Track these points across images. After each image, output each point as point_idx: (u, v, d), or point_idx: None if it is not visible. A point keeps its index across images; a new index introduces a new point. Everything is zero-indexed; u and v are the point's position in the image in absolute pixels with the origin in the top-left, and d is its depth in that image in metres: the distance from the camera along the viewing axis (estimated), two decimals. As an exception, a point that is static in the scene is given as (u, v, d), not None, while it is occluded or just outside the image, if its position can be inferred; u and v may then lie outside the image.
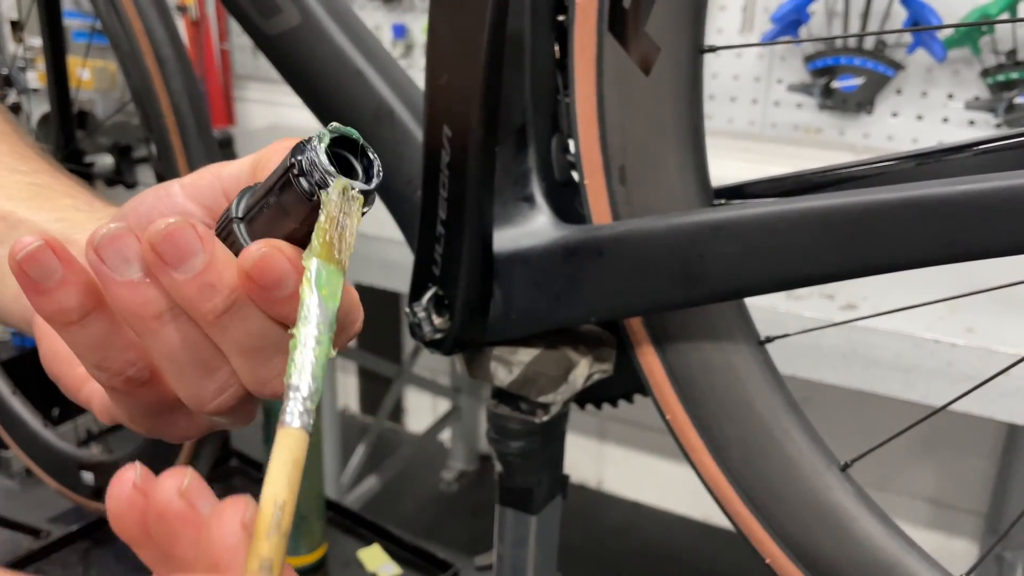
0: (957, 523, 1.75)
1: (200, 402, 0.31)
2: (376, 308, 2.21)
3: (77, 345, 0.30)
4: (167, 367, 0.30)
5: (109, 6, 0.69)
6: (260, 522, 0.22)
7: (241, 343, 0.30)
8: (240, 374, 0.31)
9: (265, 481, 0.23)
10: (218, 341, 0.30)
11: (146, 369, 0.31)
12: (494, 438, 0.58)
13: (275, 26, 0.57)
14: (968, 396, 1.01)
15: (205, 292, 0.28)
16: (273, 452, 0.24)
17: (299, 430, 0.24)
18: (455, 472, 2.15)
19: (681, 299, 0.45)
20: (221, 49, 2.03)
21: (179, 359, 0.30)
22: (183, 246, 0.28)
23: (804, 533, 0.46)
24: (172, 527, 0.25)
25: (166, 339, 0.30)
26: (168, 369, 0.31)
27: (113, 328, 0.30)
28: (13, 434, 1.03)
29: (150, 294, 0.29)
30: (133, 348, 0.31)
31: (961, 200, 0.35)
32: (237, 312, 0.29)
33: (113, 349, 0.31)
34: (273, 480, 0.23)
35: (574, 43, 0.46)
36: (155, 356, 0.30)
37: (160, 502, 0.25)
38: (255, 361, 0.30)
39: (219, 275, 0.28)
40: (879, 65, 1.46)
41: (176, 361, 0.30)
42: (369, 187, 0.28)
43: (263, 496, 0.23)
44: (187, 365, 0.30)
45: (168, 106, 0.68)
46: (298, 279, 0.28)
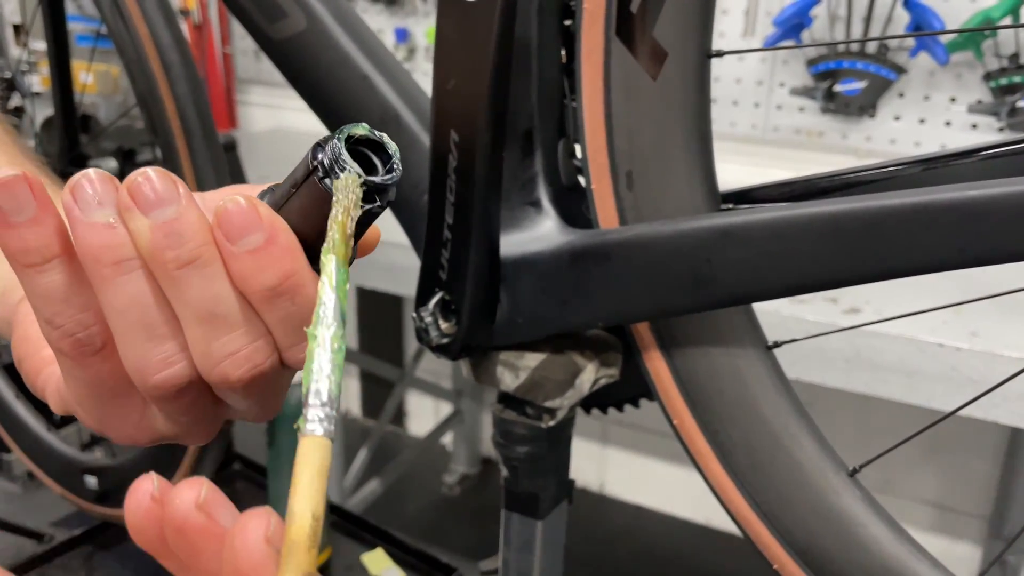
0: (960, 527, 1.75)
1: (144, 373, 0.30)
2: (378, 312, 2.21)
3: (34, 293, 0.30)
4: (116, 325, 0.30)
5: (114, 11, 0.69)
6: (298, 535, 0.22)
7: (198, 306, 0.29)
8: (192, 347, 0.30)
9: (295, 494, 0.22)
10: (175, 301, 0.29)
11: (98, 336, 0.31)
12: (500, 443, 0.58)
13: (281, 31, 0.57)
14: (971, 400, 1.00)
15: (171, 239, 0.28)
16: (298, 463, 0.23)
17: (323, 438, 0.23)
18: (457, 475, 2.14)
19: (689, 304, 0.45)
20: (223, 53, 2.04)
21: (129, 316, 0.29)
22: (160, 192, 0.27)
23: (812, 539, 0.46)
24: (192, 540, 0.25)
25: (120, 291, 0.29)
26: (117, 328, 0.30)
27: (73, 281, 0.29)
28: (17, 438, 1.03)
29: (114, 238, 0.28)
30: (89, 310, 0.30)
31: (972, 205, 0.35)
32: (200, 269, 0.28)
33: (68, 305, 0.30)
34: (304, 493, 0.22)
35: (581, 48, 0.46)
36: (107, 311, 0.30)
37: (178, 515, 0.25)
38: (209, 331, 0.29)
39: (189, 225, 0.28)
40: (881, 69, 1.46)
41: (126, 318, 0.29)
42: (388, 180, 0.28)
43: (297, 509, 0.22)
44: (136, 324, 0.29)
45: (173, 111, 0.68)
46: (268, 233, 0.28)
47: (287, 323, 0.30)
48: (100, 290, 0.29)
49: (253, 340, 0.30)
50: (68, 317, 0.30)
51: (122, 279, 0.29)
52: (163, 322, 0.30)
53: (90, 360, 0.31)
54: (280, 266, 0.29)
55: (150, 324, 0.29)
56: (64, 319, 0.30)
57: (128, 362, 0.30)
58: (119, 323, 0.30)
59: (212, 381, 0.31)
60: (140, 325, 0.29)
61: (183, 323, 0.30)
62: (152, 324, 0.30)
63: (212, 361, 0.30)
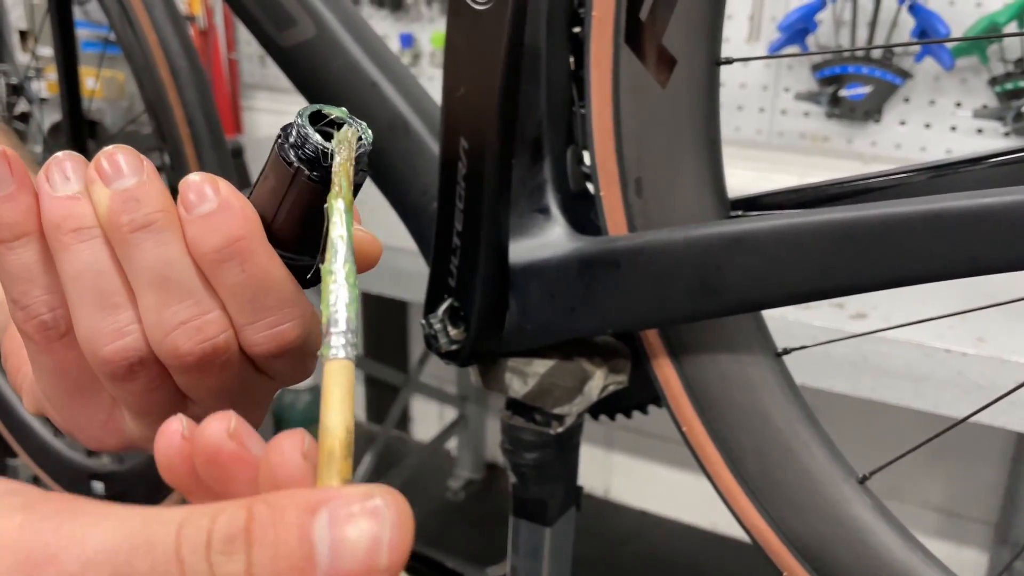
0: (967, 533, 1.74)
1: (95, 344, 0.31)
2: (383, 317, 2.21)
3: (4, 270, 0.31)
4: (71, 294, 0.30)
5: (123, 18, 0.69)
6: (334, 446, 0.23)
7: (151, 272, 0.30)
8: (144, 317, 0.30)
9: (327, 411, 0.23)
10: (129, 268, 0.30)
11: (63, 320, 0.31)
12: (508, 449, 0.58)
13: (290, 38, 0.57)
14: (977, 405, 1.00)
15: (128, 204, 0.29)
16: (327, 384, 0.24)
17: (346, 360, 0.24)
18: (462, 481, 2.14)
19: (698, 311, 0.45)
20: (229, 58, 2.04)
21: (83, 283, 0.30)
22: (123, 166, 0.29)
23: (822, 546, 0.46)
24: (225, 469, 0.25)
25: (76, 258, 0.30)
26: (72, 298, 0.31)
27: (41, 262, 0.31)
28: (23, 444, 1.03)
29: (76, 208, 0.29)
30: (55, 292, 0.31)
31: (983, 213, 0.35)
32: (155, 233, 0.29)
33: (35, 285, 0.31)
34: (337, 408, 0.23)
35: (590, 55, 0.46)
36: (63, 281, 0.30)
37: (210, 445, 0.25)
38: (161, 299, 0.30)
39: (146, 193, 0.29)
40: (887, 74, 1.46)
41: (80, 284, 0.30)
42: (363, 147, 0.30)
43: (330, 424, 0.23)
44: (90, 292, 0.30)
45: (182, 117, 0.68)
46: (222, 200, 0.29)
47: (238, 294, 0.31)
48: (58, 260, 0.30)
49: (205, 311, 0.31)
50: (34, 297, 0.31)
51: (79, 246, 0.30)
52: (116, 291, 0.31)
53: (55, 346, 0.32)
54: (229, 229, 0.30)
55: (104, 292, 0.30)
56: (30, 299, 0.31)
57: (80, 334, 0.31)
58: (73, 291, 0.30)
59: (163, 355, 0.31)
60: (94, 292, 0.30)
61: (136, 292, 0.31)
62: (105, 292, 0.30)
63: (163, 331, 0.30)
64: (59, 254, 0.30)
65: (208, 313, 0.31)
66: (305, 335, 0.33)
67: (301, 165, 0.30)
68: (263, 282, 0.31)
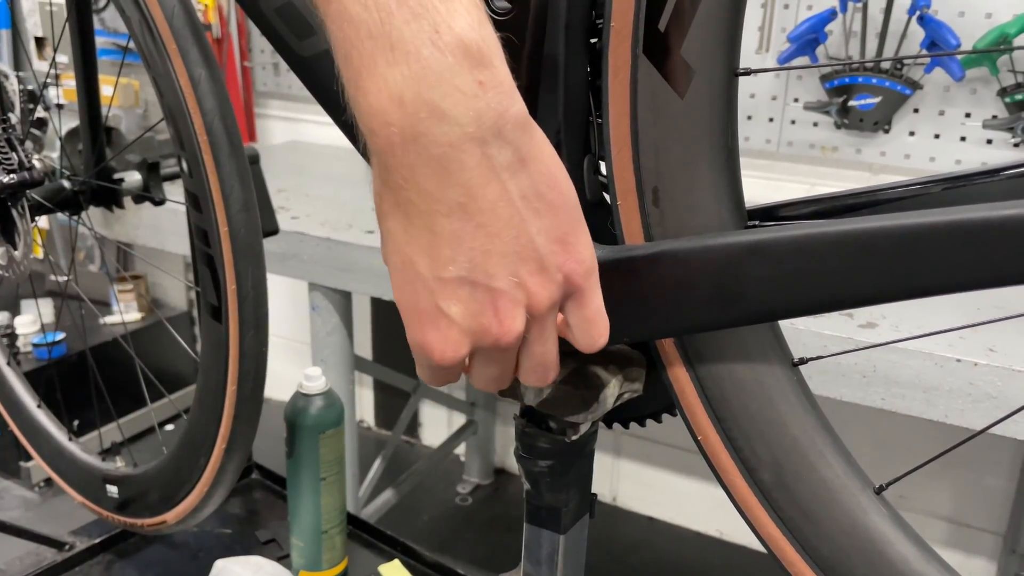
0: (975, 542, 1.74)
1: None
2: (393, 321, 2.22)
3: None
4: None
5: (143, 26, 0.70)
6: None
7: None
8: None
9: None
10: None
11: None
12: (522, 456, 0.58)
13: (309, 48, 0.57)
14: (988, 415, 1.00)
15: None
16: None
17: None
18: (470, 486, 2.15)
19: (715, 321, 0.45)
20: (243, 66, 2.05)
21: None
22: None
23: (838, 557, 0.46)
24: None
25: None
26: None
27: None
28: (38, 447, 1.03)
29: None
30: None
31: (1003, 226, 0.35)
32: None
33: None
34: None
35: (608, 65, 0.47)
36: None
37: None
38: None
39: None
40: (896, 84, 1.46)
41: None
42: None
43: None
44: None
45: (200, 125, 0.69)
46: None
47: None
48: None
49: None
50: None
51: None
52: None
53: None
54: None
55: None
56: None
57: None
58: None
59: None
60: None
61: None
62: None
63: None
64: None
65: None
66: None
67: None
68: None
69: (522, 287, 0.37)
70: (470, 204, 0.35)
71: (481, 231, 0.36)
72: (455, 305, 0.37)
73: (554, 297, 0.39)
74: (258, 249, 0.73)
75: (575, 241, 0.39)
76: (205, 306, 0.75)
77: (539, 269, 0.38)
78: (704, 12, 0.43)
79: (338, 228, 1.44)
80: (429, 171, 0.35)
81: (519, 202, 0.36)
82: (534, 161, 0.36)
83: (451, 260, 0.36)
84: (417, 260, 0.37)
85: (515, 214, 0.36)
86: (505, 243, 0.36)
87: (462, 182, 0.35)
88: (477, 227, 0.36)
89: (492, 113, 0.34)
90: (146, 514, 0.90)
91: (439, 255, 0.36)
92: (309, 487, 0.89)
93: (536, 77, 0.47)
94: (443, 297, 0.37)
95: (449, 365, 0.39)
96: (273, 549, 0.99)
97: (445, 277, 0.37)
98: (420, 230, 0.36)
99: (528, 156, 0.36)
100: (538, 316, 0.39)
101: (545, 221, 0.37)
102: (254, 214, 0.72)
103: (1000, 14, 1.38)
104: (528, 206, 0.37)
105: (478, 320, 0.38)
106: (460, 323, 0.38)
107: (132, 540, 1.00)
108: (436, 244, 0.36)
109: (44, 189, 0.89)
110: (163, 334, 2.29)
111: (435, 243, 0.36)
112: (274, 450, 1.01)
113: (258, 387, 0.77)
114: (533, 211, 0.37)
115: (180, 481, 0.84)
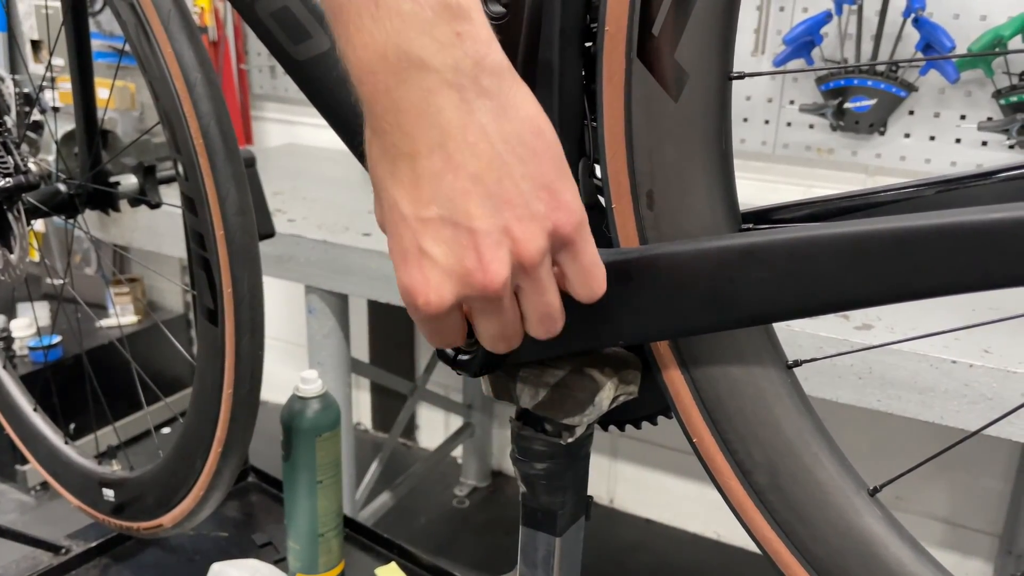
0: (971, 544, 1.74)
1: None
2: (390, 325, 2.22)
3: None
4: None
5: (139, 30, 0.70)
6: None
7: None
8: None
9: None
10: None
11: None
12: (518, 459, 0.59)
13: (304, 52, 0.58)
14: (984, 416, 1.00)
15: None
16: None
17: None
18: (467, 488, 2.15)
19: (709, 323, 0.46)
20: (239, 69, 2.05)
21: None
22: None
23: (833, 559, 0.47)
24: None
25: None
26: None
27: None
28: (34, 451, 1.03)
29: None
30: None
31: (996, 228, 0.35)
32: None
33: None
34: None
35: (603, 69, 0.47)
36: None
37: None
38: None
39: None
40: (891, 86, 1.47)
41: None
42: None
43: None
44: None
45: (196, 129, 0.69)
46: None
47: None
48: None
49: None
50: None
51: None
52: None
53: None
54: None
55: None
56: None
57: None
58: None
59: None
60: None
61: None
62: None
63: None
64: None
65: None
66: None
67: None
68: None
69: (507, 233, 0.38)
70: (449, 144, 0.37)
71: (462, 172, 0.37)
72: (437, 246, 0.38)
73: (542, 246, 0.39)
74: (254, 253, 0.73)
75: (561, 190, 0.40)
76: (201, 309, 0.75)
77: (525, 215, 0.38)
78: (698, 16, 0.44)
79: (334, 231, 1.44)
80: (410, 116, 0.37)
81: (501, 146, 0.38)
82: (516, 108, 0.38)
83: (432, 200, 0.38)
84: (400, 201, 0.38)
85: (496, 157, 0.37)
86: (487, 186, 0.38)
87: (441, 124, 0.37)
88: (457, 168, 0.37)
89: (469, 61, 0.37)
90: (142, 517, 0.90)
91: (420, 195, 0.38)
92: (306, 490, 0.89)
93: (531, 81, 0.48)
94: (425, 238, 0.38)
95: (435, 312, 0.39)
96: (270, 552, 0.99)
97: (426, 216, 0.38)
98: (403, 172, 0.38)
99: (509, 104, 0.38)
100: (529, 265, 0.39)
101: (529, 167, 0.38)
102: (250, 218, 0.72)
103: (995, 16, 1.39)
104: (511, 151, 0.38)
105: (460, 262, 0.38)
106: (442, 263, 0.38)
107: (128, 544, 1.00)
108: (418, 184, 0.38)
109: (40, 193, 0.89)
110: (159, 337, 2.29)
111: (417, 183, 0.38)
112: (271, 453, 1.01)
113: (254, 390, 0.77)
114: (517, 157, 0.38)
115: (176, 484, 0.84)
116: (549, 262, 0.41)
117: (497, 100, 0.38)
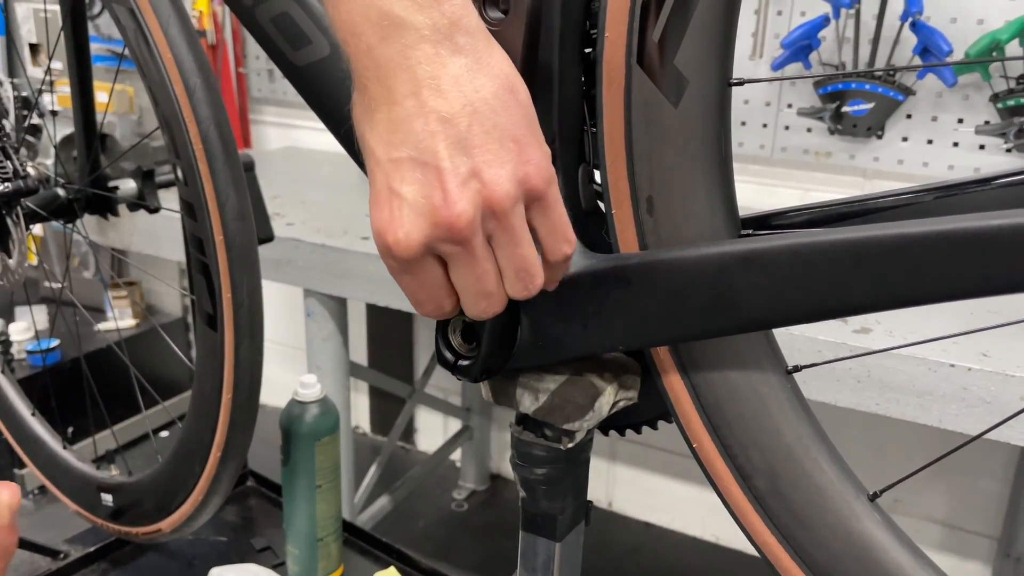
0: (970, 546, 1.74)
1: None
2: (389, 328, 2.22)
3: None
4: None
5: (138, 35, 0.70)
6: None
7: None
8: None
9: None
10: None
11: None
12: (518, 464, 0.59)
13: (304, 57, 0.58)
14: (982, 420, 1.00)
15: None
16: None
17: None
18: (466, 492, 2.15)
19: (709, 329, 0.46)
20: (237, 73, 2.05)
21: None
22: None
23: (833, 563, 0.47)
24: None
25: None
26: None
27: None
28: (32, 455, 1.03)
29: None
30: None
31: (995, 235, 0.35)
32: None
33: None
34: None
35: (602, 75, 0.47)
36: None
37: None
38: None
39: None
40: (889, 90, 1.47)
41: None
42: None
43: None
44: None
45: (196, 133, 0.69)
46: None
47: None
48: None
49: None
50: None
51: None
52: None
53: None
54: None
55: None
56: None
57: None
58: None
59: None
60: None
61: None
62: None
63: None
64: None
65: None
66: None
67: None
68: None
69: (475, 174, 0.40)
70: (423, 91, 0.39)
71: (432, 115, 0.40)
72: (407, 185, 0.40)
73: (510, 191, 0.41)
74: (253, 258, 0.73)
75: (530, 144, 0.42)
76: (200, 314, 0.75)
77: (494, 161, 0.40)
78: (697, 23, 0.44)
79: (333, 234, 1.44)
80: (389, 68, 0.40)
81: (472, 95, 0.40)
82: (489, 66, 0.41)
83: (403, 142, 0.40)
84: (376, 147, 0.41)
85: (467, 104, 0.40)
86: (458, 129, 0.40)
87: (416, 74, 0.39)
88: (428, 112, 0.39)
89: (445, 20, 0.39)
90: (141, 522, 0.90)
91: (392, 139, 0.40)
92: (304, 494, 0.89)
93: (530, 86, 0.48)
94: (395, 178, 0.40)
95: (405, 252, 0.41)
96: (268, 557, 0.99)
97: (397, 157, 0.40)
98: (380, 120, 0.41)
99: (483, 61, 0.41)
100: (499, 209, 0.41)
101: (501, 118, 0.41)
102: (249, 223, 0.72)
103: (992, 20, 1.39)
104: (483, 102, 0.40)
105: (428, 199, 0.40)
106: (410, 201, 0.40)
107: (127, 548, 1.00)
108: (391, 129, 0.40)
109: (39, 197, 0.89)
110: (157, 341, 2.29)
111: (390, 128, 0.40)
112: (270, 457, 1.01)
113: (253, 394, 0.77)
114: (489, 107, 0.40)
115: (175, 489, 0.83)
116: (522, 211, 0.42)
117: (472, 57, 0.40)
